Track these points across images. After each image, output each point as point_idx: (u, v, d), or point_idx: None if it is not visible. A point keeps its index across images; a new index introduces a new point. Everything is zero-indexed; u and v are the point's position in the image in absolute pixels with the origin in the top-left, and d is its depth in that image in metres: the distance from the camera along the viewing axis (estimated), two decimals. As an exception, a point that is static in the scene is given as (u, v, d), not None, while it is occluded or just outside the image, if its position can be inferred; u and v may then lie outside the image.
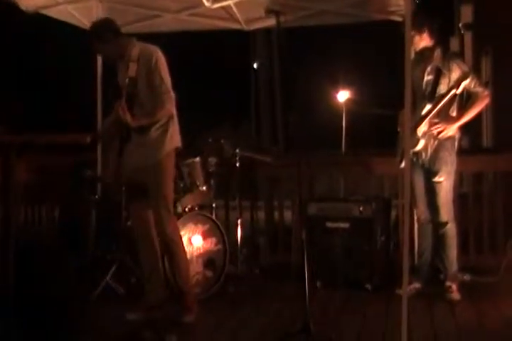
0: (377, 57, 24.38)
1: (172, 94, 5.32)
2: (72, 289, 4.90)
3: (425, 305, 5.71)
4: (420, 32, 5.86)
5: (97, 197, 6.76)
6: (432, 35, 5.92)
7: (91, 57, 7.25)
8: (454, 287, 5.93)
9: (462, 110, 5.93)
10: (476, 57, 13.79)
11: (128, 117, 5.20)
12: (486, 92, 5.92)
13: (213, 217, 6.37)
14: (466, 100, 6.04)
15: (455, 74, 5.83)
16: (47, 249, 4.85)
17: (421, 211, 6.11)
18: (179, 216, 5.84)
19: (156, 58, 5.30)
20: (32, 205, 7.44)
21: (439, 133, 5.85)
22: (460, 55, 11.67)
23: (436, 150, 5.90)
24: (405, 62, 4.38)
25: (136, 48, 5.38)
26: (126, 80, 5.30)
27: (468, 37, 14.96)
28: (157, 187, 5.37)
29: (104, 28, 5.40)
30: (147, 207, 5.49)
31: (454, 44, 15.85)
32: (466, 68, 5.89)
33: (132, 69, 5.33)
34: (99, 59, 7.44)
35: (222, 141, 6.78)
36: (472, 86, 5.84)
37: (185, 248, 5.65)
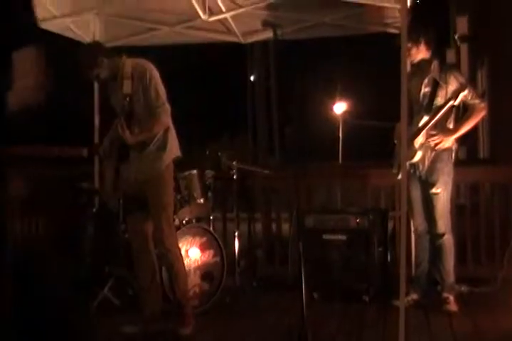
0: (374, 69, 24.45)
1: (167, 107, 5.33)
2: (70, 302, 4.88)
3: (422, 316, 5.70)
4: (417, 44, 5.89)
5: (94, 209, 6.76)
6: (428, 46, 5.94)
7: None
8: (451, 298, 5.93)
9: (459, 122, 5.95)
10: (472, 69, 13.84)
11: (127, 135, 5.22)
12: (483, 104, 5.94)
13: (211, 229, 6.38)
14: (462, 112, 6.06)
15: (452, 86, 5.85)
16: (44, 261, 4.84)
17: (418, 222, 6.11)
18: (177, 228, 5.84)
19: (149, 73, 5.31)
20: (29, 218, 7.43)
21: (436, 144, 5.86)
22: (457, 66, 11.72)
23: (433, 162, 5.92)
24: (401, 74, 4.40)
25: (128, 65, 5.38)
26: (127, 98, 5.29)
27: (464, 48, 15.01)
28: (158, 199, 5.38)
29: (95, 53, 5.39)
30: (145, 220, 5.49)
31: (450, 56, 15.90)
32: (463, 80, 5.91)
33: (127, 86, 5.32)
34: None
35: (219, 154, 6.79)
36: (469, 98, 5.86)
37: (183, 260, 5.65)
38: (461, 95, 5.79)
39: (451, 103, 5.81)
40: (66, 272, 5.26)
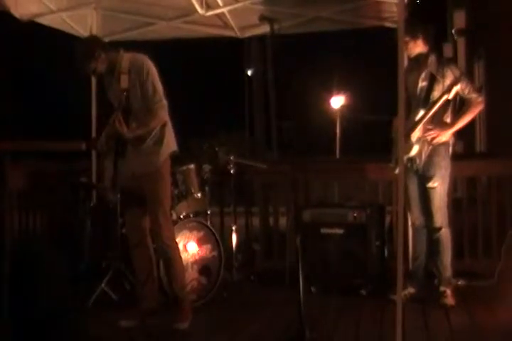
0: (371, 63, 24.45)
1: (164, 102, 5.33)
2: (67, 296, 4.89)
3: (420, 310, 5.71)
4: (415, 38, 5.89)
5: (92, 204, 6.77)
6: (426, 41, 5.94)
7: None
8: (449, 292, 5.94)
9: (456, 116, 5.95)
10: (470, 63, 13.85)
11: (124, 129, 5.22)
12: (480, 99, 5.94)
13: (208, 223, 6.38)
14: (460, 106, 6.06)
15: (449, 80, 5.85)
16: (42, 255, 4.85)
17: (415, 216, 6.12)
18: (174, 223, 5.84)
19: (147, 68, 5.31)
20: (26, 212, 7.43)
21: (433, 138, 5.87)
22: (454, 61, 11.72)
23: (431, 156, 5.92)
24: (398, 68, 4.40)
25: (126, 59, 5.37)
26: (125, 93, 5.29)
27: (461, 42, 15.03)
28: (155, 194, 5.38)
29: (93, 46, 5.38)
30: (142, 215, 5.49)
31: (448, 50, 15.91)
32: (458, 73, 5.91)
33: (124, 81, 5.32)
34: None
35: (216, 148, 6.79)
36: (466, 92, 5.86)
37: (181, 254, 5.66)
38: (455, 89, 5.79)
39: (445, 97, 5.82)
40: (64, 266, 5.27)
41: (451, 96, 5.81)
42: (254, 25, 7.83)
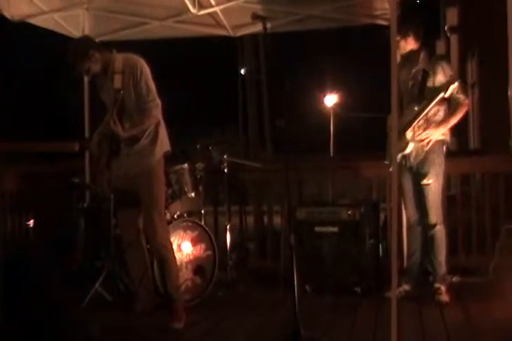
0: (364, 60, 24.46)
1: (158, 102, 5.33)
2: (61, 297, 4.88)
3: (414, 308, 5.72)
4: (405, 36, 5.90)
5: (85, 204, 6.75)
6: (417, 38, 5.96)
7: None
8: (443, 289, 5.95)
9: (445, 117, 5.95)
10: (462, 60, 13.86)
11: (119, 129, 5.21)
12: (467, 100, 5.98)
13: (202, 223, 6.38)
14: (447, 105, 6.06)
15: (439, 76, 5.86)
16: (35, 257, 4.85)
17: (410, 213, 6.12)
18: (168, 223, 5.84)
19: (140, 68, 5.31)
20: (19, 213, 7.42)
21: (423, 140, 5.87)
22: (446, 57, 11.73)
23: (425, 153, 5.92)
24: (391, 65, 4.40)
25: (119, 60, 5.37)
26: (121, 92, 5.27)
27: (454, 39, 15.05)
28: (150, 194, 5.37)
29: (86, 46, 5.38)
30: (136, 215, 5.49)
31: (440, 47, 15.93)
32: (450, 71, 5.93)
33: (118, 81, 5.31)
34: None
35: (210, 147, 6.79)
36: (456, 92, 5.85)
37: (175, 254, 5.65)
38: (451, 88, 5.79)
39: (441, 95, 5.81)
40: (57, 267, 5.26)
41: (447, 94, 5.80)
42: (246, 23, 7.81)
